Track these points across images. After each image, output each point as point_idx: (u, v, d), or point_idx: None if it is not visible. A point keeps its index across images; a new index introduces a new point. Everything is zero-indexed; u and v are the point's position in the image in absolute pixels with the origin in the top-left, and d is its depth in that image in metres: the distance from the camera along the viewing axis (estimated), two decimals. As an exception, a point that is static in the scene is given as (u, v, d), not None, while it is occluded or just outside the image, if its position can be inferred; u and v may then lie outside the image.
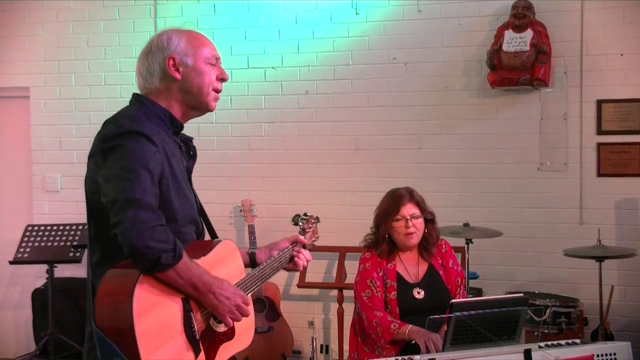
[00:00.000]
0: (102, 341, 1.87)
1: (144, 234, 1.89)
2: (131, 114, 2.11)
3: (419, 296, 3.33)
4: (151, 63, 2.19)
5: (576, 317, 4.36)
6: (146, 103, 2.18)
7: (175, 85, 2.19)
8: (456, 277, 3.44)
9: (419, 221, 3.39)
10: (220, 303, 2.06)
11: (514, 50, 4.74)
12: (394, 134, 5.20)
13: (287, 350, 5.13)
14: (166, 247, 1.93)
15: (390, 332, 3.17)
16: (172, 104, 2.21)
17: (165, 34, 2.22)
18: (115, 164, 1.97)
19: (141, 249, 1.89)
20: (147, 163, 1.99)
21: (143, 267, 1.92)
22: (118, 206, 1.91)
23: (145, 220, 1.91)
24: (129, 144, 1.99)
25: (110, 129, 2.03)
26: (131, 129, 2.01)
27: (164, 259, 1.92)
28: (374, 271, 3.36)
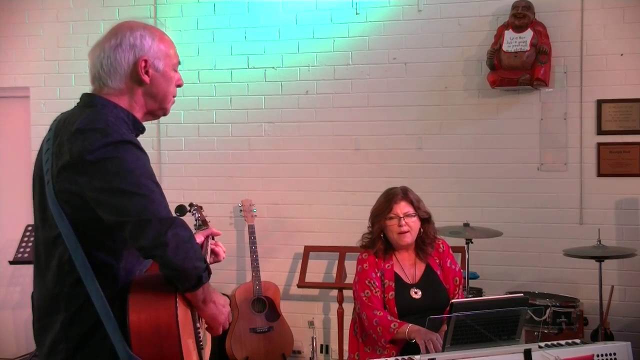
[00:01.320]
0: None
1: (190, 255, 1.82)
2: (105, 119, 1.92)
3: (416, 296, 3.34)
4: (120, 60, 1.99)
5: (576, 317, 4.36)
6: (109, 106, 1.99)
7: (140, 88, 2.02)
8: (454, 276, 3.44)
9: (412, 220, 3.38)
10: (220, 312, 2.04)
11: (514, 50, 4.74)
12: (394, 134, 5.20)
13: (287, 350, 5.13)
14: (203, 265, 1.88)
15: (391, 332, 3.17)
16: (133, 107, 2.03)
17: (138, 31, 2.02)
18: (118, 178, 1.82)
19: (190, 270, 1.82)
20: (151, 175, 1.89)
21: (184, 287, 1.87)
22: (152, 228, 1.78)
23: (186, 239, 1.82)
24: (124, 155, 1.84)
25: (95, 138, 1.84)
26: (121, 139, 1.86)
27: (205, 278, 1.89)
28: (371, 271, 3.36)
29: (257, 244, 5.10)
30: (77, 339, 1.90)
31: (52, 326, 1.93)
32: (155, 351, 1.81)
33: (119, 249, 1.93)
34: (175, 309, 1.84)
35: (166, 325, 1.82)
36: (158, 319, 1.82)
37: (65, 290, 1.91)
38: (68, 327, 1.90)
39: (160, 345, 1.81)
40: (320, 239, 5.32)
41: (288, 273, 5.45)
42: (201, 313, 2.03)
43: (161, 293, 1.86)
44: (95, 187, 1.83)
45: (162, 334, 1.82)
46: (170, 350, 1.82)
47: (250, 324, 5.05)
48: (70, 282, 1.90)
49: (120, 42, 2.00)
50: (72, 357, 1.90)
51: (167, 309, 1.83)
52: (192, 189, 5.57)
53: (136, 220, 1.79)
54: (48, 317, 1.94)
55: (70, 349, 1.90)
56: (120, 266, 1.94)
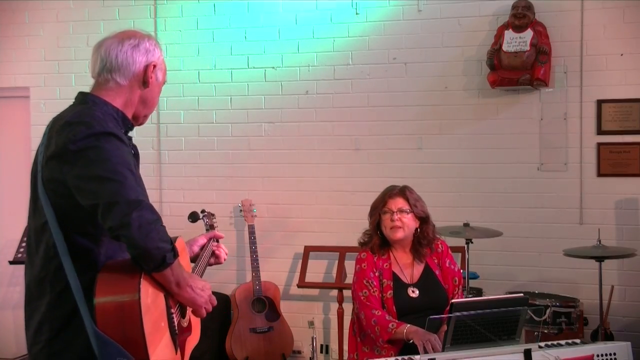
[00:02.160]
0: (105, 343, 1.88)
1: (152, 235, 1.91)
2: (92, 113, 2.06)
3: (413, 295, 3.34)
4: (135, 58, 2.17)
5: (576, 317, 4.36)
6: (99, 103, 2.13)
7: (140, 91, 2.19)
8: (453, 276, 3.45)
9: (406, 216, 3.38)
10: (198, 295, 2.12)
11: (514, 50, 4.74)
12: (394, 134, 5.20)
13: (287, 350, 5.13)
14: (169, 247, 1.97)
15: (389, 332, 3.18)
16: (127, 106, 2.19)
17: (153, 41, 2.24)
18: (96, 165, 1.94)
19: (151, 250, 1.91)
20: (129, 164, 2.00)
21: (148, 267, 1.95)
22: (119, 209, 1.90)
23: (151, 220, 1.92)
24: (104, 145, 1.97)
25: (79, 129, 1.98)
26: (103, 130, 1.99)
27: (169, 258, 1.96)
28: (370, 271, 3.36)
29: (257, 244, 5.11)
30: (59, 320, 2.02)
31: (39, 309, 2.06)
32: (119, 329, 1.89)
33: (98, 235, 2.04)
34: (138, 289, 1.91)
35: (129, 304, 1.90)
36: (122, 297, 1.91)
37: (50, 274, 2.04)
38: (52, 310, 2.03)
39: (122, 323, 1.89)
40: (320, 239, 5.32)
41: (288, 273, 5.45)
42: (178, 298, 2.11)
43: (127, 274, 1.95)
44: (76, 174, 1.96)
45: (125, 313, 1.89)
46: (133, 328, 1.88)
47: (250, 324, 5.05)
48: (54, 267, 2.03)
49: (138, 44, 2.19)
50: (55, 337, 2.03)
51: (131, 288, 1.92)
52: (192, 189, 5.57)
53: (106, 202, 1.92)
54: (36, 301, 2.08)
55: (54, 330, 2.03)
56: (101, 252, 2.05)
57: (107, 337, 1.88)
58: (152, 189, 5.59)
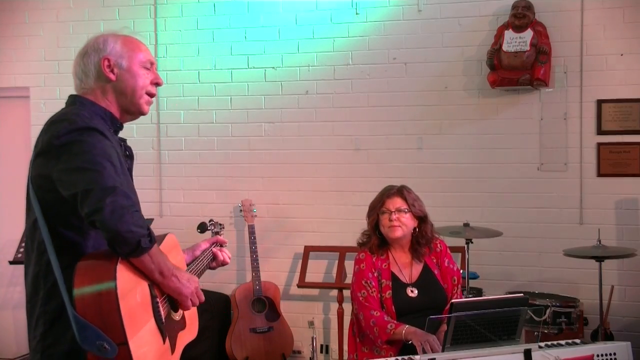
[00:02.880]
0: (84, 327, 1.91)
1: (125, 219, 1.94)
2: (77, 112, 2.13)
3: (412, 295, 3.34)
4: (86, 64, 2.25)
5: (576, 317, 4.36)
6: (87, 103, 2.21)
7: (109, 85, 2.24)
8: (452, 276, 3.45)
9: (404, 216, 3.38)
10: (183, 286, 2.14)
11: (514, 50, 4.74)
12: (394, 134, 5.20)
13: (287, 350, 5.13)
14: (144, 232, 1.99)
15: (387, 332, 3.18)
16: (109, 105, 2.25)
17: (102, 37, 2.29)
18: (77, 158, 2.00)
19: (124, 233, 1.94)
20: (109, 156, 2.04)
21: (123, 252, 1.98)
22: (94, 195, 1.94)
23: (124, 205, 1.95)
24: (87, 139, 2.03)
25: (63, 126, 2.04)
26: (85, 125, 2.05)
27: (144, 242, 1.98)
28: (368, 271, 3.36)
29: (257, 244, 5.11)
30: (52, 313, 2.07)
31: (36, 304, 2.12)
32: (97, 314, 1.91)
33: (85, 228, 2.07)
34: (114, 273, 1.94)
35: (105, 288, 1.93)
36: (99, 282, 1.94)
37: (42, 270, 2.10)
38: (46, 304, 2.09)
39: (101, 309, 1.91)
40: (320, 239, 5.32)
41: (288, 273, 5.45)
42: (164, 288, 2.14)
43: (105, 261, 1.98)
44: (59, 168, 2.02)
45: (102, 297, 1.92)
46: (110, 313, 1.91)
47: (250, 324, 5.05)
48: (45, 262, 2.08)
49: (86, 50, 2.29)
50: (49, 329, 2.08)
51: (107, 272, 1.94)
52: (192, 189, 5.57)
53: (83, 190, 1.96)
54: (34, 296, 2.13)
55: (48, 323, 2.08)
56: (88, 244, 2.09)
57: (86, 321, 1.91)
58: (152, 189, 5.59)
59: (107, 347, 1.89)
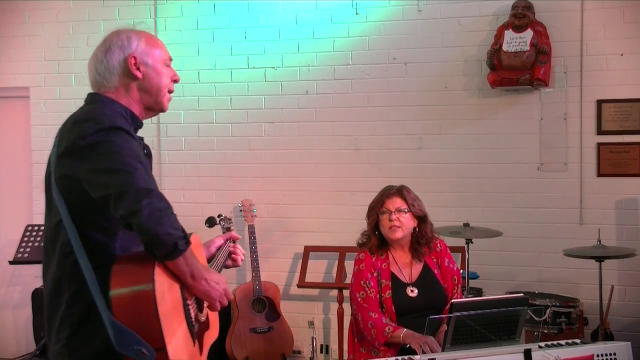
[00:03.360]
0: (121, 331, 1.89)
1: (163, 221, 1.92)
2: (101, 111, 2.11)
3: (412, 294, 3.34)
4: (110, 61, 2.20)
5: (576, 317, 4.36)
6: (107, 102, 2.17)
7: (135, 84, 2.20)
8: (452, 275, 3.44)
9: (404, 216, 3.38)
10: (212, 288, 2.12)
11: (514, 50, 4.74)
12: (394, 134, 5.20)
13: (287, 350, 5.13)
14: (181, 234, 1.97)
15: (385, 335, 3.17)
16: (131, 103, 2.21)
17: (124, 34, 2.24)
18: (106, 158, 1.97)
19: (162, 236, 1.92)
20: (138, 156, 2.02)
21: (160, 254, 1.96)
22: (129, 197, 1.91)
23: (161, 207, 1.94)
24: (113, 138, 2.00)
25: (88, 125, 2.01)
26: (112, 125, 2.03)
27: (180, 245, 1.96)
28: (367, 272, 3.36)
29: (257, 244, 5.10)
30: (79, 315, 2.03)
31: (59, 306, 2.07)
32: (135, 318, 1.89)
33: (113, 229, 2.05)
34: (152, 277, 1.92)
35: (143, 292, 1.90)
36: (137, 286, 1.92)
37: (68, 271, 2.05)
38: (71, 306, 2.04)
39: (138, 312, 1.89)
40: (320, 239, 5.32)
41: (288, 273, 5.45)
42: (193, 290, 2.11)
43: (141, 264, 1.96)
44: (87, 169, 1.98)
45: (140, 302, 1.90)
46: (148, 317, 1.89)
47: (250, 324, 5.05)
48: (70, 263, 2.03)
49: (109, 47, 2.21)
50: (75, 333, 2.04)
51: (145, 276, 1.92)
52: (192, 189, 5.57)
53: (117, 192, 1.93)
54: (56, 299, 2.08)
55: (74, 326, 2.04)
56: (116, 245, 2.06)
57: (124, 326, 1.89)
58: (152, 189, 5.59)
59: (145, 352, 1.87)
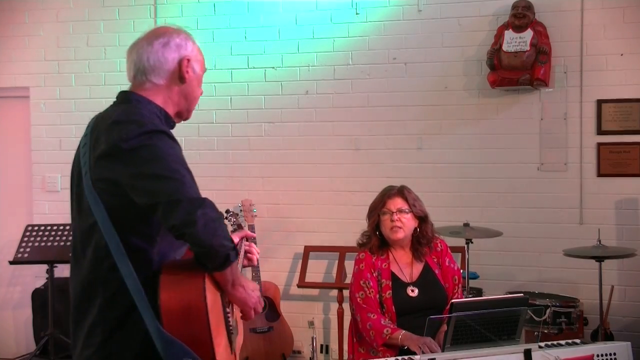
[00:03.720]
0: (170, 343, 1.86)
1: (218, 233, 1.89)
2: (139, 112, 2.04)
3: (412, 294, 3.33)
4: (167, 56, 2.13)
5: (576, 317, 4.36)
6: (143, 101, 2.10)
7: (178, 87, 2.16)
8: (453, 275, 3.44)
9: (406, 216, 3.38)
10: (249, 296, 2.10)
11: (514, 50, 4.75)
12: (394, 134, 5.20)
13: (287, 350, 5.13)
14: (232, 245, 1.95)
15: (383, 337, 3.17)
16: (167, 104, 2.15)
17: (183, 34, 2.21)
18: (152, 164, 1.91)
19: (217, 248, 1.89)
20: (183, 162, 1.99)
21: (211, 266, 1.94)
22: (183, 207, 1.87)
23: (214, 218, 1.91)
24: (158, 143, 1.95)
25: (131, 128, 1.94)
26: (155, 128, 1.97)
27: (232, 256, 1.95)
28: (367, 272, 3.35)
29: (257, 244, 5.10)
30: (113, 321, 1.98)
31: (90, 311, 2.02)
32: (185, 329, 1.87)
33: (152, 234, 2.00)
34: (203, 288, 1.90)
35: (195, 304, 1.89)
36: (188, 297, 1.89)
37: (102, 276, 1.99)
38: (105, 311, 1.99)
39: (189, 323, 1.87)
40: (320, 239, 5.32)
41: (288, 273, 5.45)
42: (231, 297, 2.09)
43: (190, 273, 1.93)
44: (130, 173, 1.92)
45: (191, 312, 1.88)
46: (200, 328, 1.87)
47: (250, 324, 5.05)
48: (106, 268, 1.98)
49: (168, 41, 2.15)
50: (108, 339, 1.99)
51: (196, 288, 1.90)
52: (192, 189, 5.56)
53: (167, 200, 1.88)
54: (86, 303, 2.03)
55: (107, 332, 1.99)
56: (154, 251, 2.01)
57: (173, 337, 1.86)
58: (152, 189, 5.59)
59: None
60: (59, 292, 5.28)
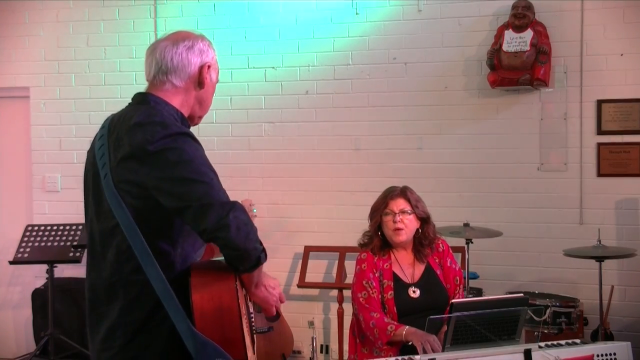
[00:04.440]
0: (204, 345, 1.88)
1: (250, 236, 1.92)
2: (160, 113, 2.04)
3: (414, 295, 3.33)
4: (190, 59, 2.14)
5: (576, 317, 4.37)
6: (161, 102, 2.11)
7: (195, 92, 2.17)
8: (454, 276, 3.44)
9: (408, 217, 3.37)
10: (270, 294, 2.13)
11: (514, 50, 4.75)
12: (394, 134, 5.20)
13: (287, 350, 5.13)
14: (261, 247, 1.98)
15: (387, 334, 3.17)
16: (183, 107, 2.17)
17: (207, 41, 2.22)
18: (179, 167, 1.91)
19: (250, 251, 1.92)
20: (210, 164, 1.99)
21: (243, 268, 1.96)
22: (215, 210, 1.88)
23: (246, 221, 1.93)
24: (183, 145, 1.95)
25: (156, 130, 1.94)
26: (179, 131, 1.98)
27: (262, 258, 1.98)
28: (369, 272, 3.35)
29: (257, 244, 5.10)
30: (135, 324, 1.98)
31: (108, 314, 2.01)
32: (218, 330, 1.89)
33: (176, 237, 2.01)
34: (235, 289, 1.93)
35: (228, 305, 1.92)
36: (220, 298, 1.92)
37: (124, 278, 1.98)
38: (127, 314, 1.98)
39: (222, 324, 1.90)
40: (320, 239, 5.32)
41: (288, 273, 5.45)
42: (253, 297, 2.12)
43: (221, 274, 1.96)
44: (156, 176, 1.92)
45: (224, 314, 1.91)
46: (232, 329, 1.90)
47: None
48: (128, 270, 1.98)
49: (192, 45, 2.16)
50: (131, 341, 1.98)
51: (229, 289, 1.93)
52: (192, 189, 5.56)
53: (198, 204, 1.89)
54: (105, 306, 2.02)
55: (129, 334, 1.98)
56: (177, 253, 2.02)
57: (206, 338, 1.88)
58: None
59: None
60: (59, 292, 5.29)
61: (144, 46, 2.27)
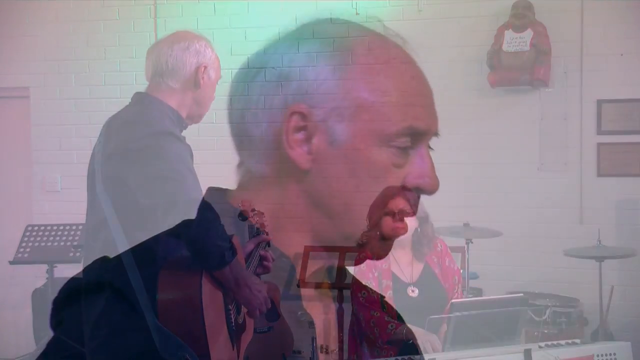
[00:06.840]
0: (166, 337, 1.91)
1: (211, 232, 1.95)
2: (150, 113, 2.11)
3: (413, 294, 3.34)
4: (185, 61, 2.20)
5: (576, 317, 4.36)
6: (155, 103, 2.16)
7: (191, 92, 2.23)
8: (453, 275, 3.44)
9: (407, 217, 3.38)
10: (254, 296, 2.20)
11: (514, 50, 4.75)
12: (394, 134, 5.19)
13: (287, 350, 5.12)
14: (228, 245, 2.00)
15: (388, 332, 3.17)
16: (180, 107, 2.22)
17: (204, 41, 2.28)
18: (156, 164, 1.98)
19: (210, 248, 1.96)
20: (187, 162, 2.06)
21: (207, 265, 1.99)
22: (179, 207, 1.93)
23: (210, 218, 1.97)
24: (163, 144, 2.01)
25: (139, 128, 2.03)
26: (162, 130, 2.04)
27: (227, 256, 2.00)
28: (369, 272, 3.36)
29: (257, 244, 5.09)
30: (119, 315, 2.05)
31: (97, 303, 2.09)
32: (181, 325, 1.94)
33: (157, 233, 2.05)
34: (199, 286, 1.95)
35: (190, 301, 1.95)
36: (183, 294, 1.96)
37: (110, 270, 2.06)
38: (111, 305, 2.06)
39: (185, 320, 1.94)
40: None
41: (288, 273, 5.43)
42: (235, 296, 2.15)
43: (188, 272, 1.99)
44: (135, 173, 2.01)
45: (187, 309, 1.95)
46: (195, 325, 1.93)
47: (250, 324, 5.04)
48: (114, 263, 2.04)
49: (188, 46, 2.23)
50: (113, 332, 2.05)
51: (192, 285, 1.96)
52: (192, 189, 5.56)
53: (166, 200, 1.96)
54: (93, 296, 2.11)
55: (112, 324, 2.06)
56: (159, 249, 2.07)
57: (169, 332, 1.91)
58: (152, 189, 5.59)
59: (189, 358, 1.90)
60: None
61: (144, 46, 2.29)
